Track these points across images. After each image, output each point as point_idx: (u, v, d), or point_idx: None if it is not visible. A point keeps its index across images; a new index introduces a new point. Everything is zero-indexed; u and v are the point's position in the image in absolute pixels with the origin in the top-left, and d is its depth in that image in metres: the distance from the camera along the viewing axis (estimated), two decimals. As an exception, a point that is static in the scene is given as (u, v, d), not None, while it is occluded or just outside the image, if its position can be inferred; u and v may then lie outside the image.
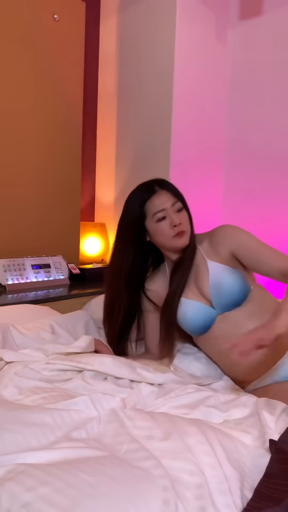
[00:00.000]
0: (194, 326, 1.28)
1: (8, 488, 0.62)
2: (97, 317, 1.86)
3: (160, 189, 1.31)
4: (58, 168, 2.33)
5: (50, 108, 2.26)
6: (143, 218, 1.30)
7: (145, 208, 1.29)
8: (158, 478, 0.67)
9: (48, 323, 1.48)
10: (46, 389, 1.02)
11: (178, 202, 1.30)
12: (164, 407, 0.99)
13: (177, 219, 1.27)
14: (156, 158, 2.50)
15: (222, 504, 0.66)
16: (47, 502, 0.60)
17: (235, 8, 2.63)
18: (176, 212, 1.29)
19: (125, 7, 2.58)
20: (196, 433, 0.80)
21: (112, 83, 2.70)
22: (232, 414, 0.97)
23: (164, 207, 1.27)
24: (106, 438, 0.80)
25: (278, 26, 2.44)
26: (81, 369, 1.14)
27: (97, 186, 2.85)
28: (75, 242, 2.47)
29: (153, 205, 1.28)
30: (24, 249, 2.20)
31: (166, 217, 1.27)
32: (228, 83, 2.70)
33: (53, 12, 2.22)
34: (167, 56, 2.40)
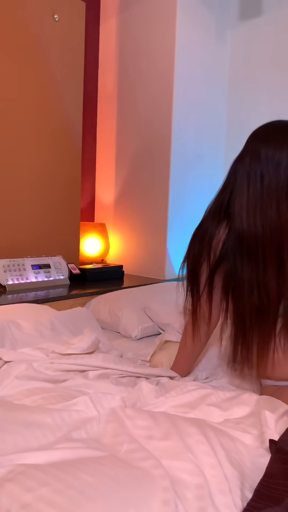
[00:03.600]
0: None
1: (7, 488, 0.62)
2: (97, 317, 1.86)
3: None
4: (58, 169, 2.34)
5: (50, 109, 2.26)
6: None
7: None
8: (158, 478, 0.67)
9: (48, 319, 1.48)
10: (46, 389, 1.02)
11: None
12: (165, 406, 0.99)
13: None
14: (156, 158, 2.50)
15: (222, 504, 0.66)
16: (47, 502, 0.60)
17: (235, 8, 2.63)
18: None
19: (125, 7, 2.58)
20: (196, 433, 0.80)
21: (112, 83, 2.70)
22: (232, 412, 0.96)
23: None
24: (106, 438, 0.80)
25: (278, 26, 2.44)
26: (84, 370, 1.14)
27: (97, 186, 2.85)
28: (75, 242, 2.47)
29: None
30: (24, 249, 2.20)
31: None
32: (228, 83, 2.71)
33: (53, 12, 2.22)
34: (167, 56, 2.40)
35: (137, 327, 1.78)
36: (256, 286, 1.05)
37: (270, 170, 1.04)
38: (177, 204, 2.51)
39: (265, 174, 1.04)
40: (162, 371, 1.21)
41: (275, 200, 1.03)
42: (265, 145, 1.05)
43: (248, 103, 2.60)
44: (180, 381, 1.16)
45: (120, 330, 1.83)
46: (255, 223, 1.04)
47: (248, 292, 1.06)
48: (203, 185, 2.61)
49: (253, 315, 1.07)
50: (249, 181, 1.06)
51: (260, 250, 1.04)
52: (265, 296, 1.05)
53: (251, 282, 1.06)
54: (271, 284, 1.04)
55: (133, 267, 2.67)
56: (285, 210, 1.02)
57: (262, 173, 1.04)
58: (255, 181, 1.05)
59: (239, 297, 1.09)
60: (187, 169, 2.55)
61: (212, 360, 1.38)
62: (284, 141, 1.04)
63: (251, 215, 1.05)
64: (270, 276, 1.04)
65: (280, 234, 1.03)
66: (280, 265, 1.04)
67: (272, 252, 1.03)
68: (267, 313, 1.06)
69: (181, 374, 1.25)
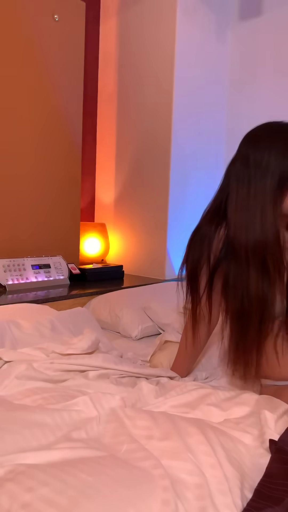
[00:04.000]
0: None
1: (8, 488, 0.62)
2: (97, 317, 1.86)
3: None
4: (58, 169, 2.34)
5: (50, 108, 2.26)
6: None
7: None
8: (158, 478, 0.67)
9: (48, 319, 1.48)
10: (46, 389, 1.02)
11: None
12: (165, 406, 0.99)
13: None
14: (156, 158, 2.50)
15: (222, 504, 0.66)
16: (47, 502, 0.60)
17: (235, 8, 2.63)
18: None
19: (125, 7, 2.58)
20: (196, 433, 0.80)
21: (112, 83, 2.70)
22: (232, 412, 0.96)
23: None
24: (106, 438, 0.80)
25: (278, 26, 2.44)
26: (84, 370, 1.14)
27: (97, 186, 2.85)
28: (75, 242, 2.47)
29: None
30: (24, 249, 2.20)
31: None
32: (228, 82, 2.71)
33: (53, 12, 2.22)
34: (167, 56, 2.40)
35: (137, 327, 1.78)
36: (240, 289, 1.06)
37: (257, 175, 1.03)
38: (177, 204, 2.51)
39: (252, 180, 1.04)
40: (162, 372, 1.21)
41: (260, 206, 1.03)
42: (253, 149, 1.05)
43: (248, 103, 2.60)
44: (180, 381, 1.16)
45: (120, 330, 1.83)
46: (241, 227, 1.04)
47: (232, 294, 1.08)
48: (203, 185, 2.61)
49: (236, 317, 1.09)
50: (238, 186, 1.06)
51: (243, 254, 1.04)
52: (246, 299, 1.05)
53: (235, 285, 1.07)
54: (252, 288, 1.04)
55: (133, 267, 2.67)
56: (270, 215, 1.02)
57: (250, 178, 1.04)
58: (243, 186, 1.05)
59: (227, 299, 1.10)
60: (187, 169, 2.55)
61: (212, 360, 1.38)
62: (272, 145, 1.03)
63: (238, 219, 1.05)
64: (252, 280, 1.04)
65: (265, 239, 1.03)
66: (264, 269, 1.04)
67: (255, 257, 1.04)
68: (249, 315, 1.06)
69: (181, 374, 1.25)
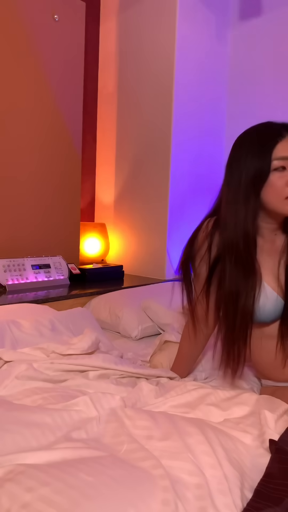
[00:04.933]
0: (264, 320, 1.11)
1: (7, 488, 0.62)
2: (97, 317, 1.86)
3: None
4: (58, 169, 2.34)
5: (50, 108, 2.26)
6: (265, 165, 1.01)
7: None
8: (158, 478, 0.67)
9: (48, 319, 1.48)
10: (46, 389, 1.02)
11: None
12: (164, 406, 0.99)
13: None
14: (156, 158, 2.50)
15: (222, 504, 0.66)
16: (47, 502, 0.60)
17: (235, 8, 2.63)
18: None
19: (125, 7, 2.58)
20: (196, 433, 0.80)
21: (112, 83, 2.70)
22: (232, 412, 0.96)
23: (286, 156, 1.01)
24: (106, 438, 0.80)
25: (278, 26, 2.44)
26: (84, 370, 1.14)
27: (97, 186, 2.85)
28: (75, 242, 2.47)
29: (277, 149, 1.01)
30: (24, 249, 2.20)
31: (286, 169, 1.01)
32: (228, 83, 2.71)
33: (53, 12, 2.22)
34: (167, 56, 2.40)
35: (137, 327, 1.78)
36: (222, 283, 1.09)
37: (234, 174, 1.06)
38: (177, 204, 2.51)
39: (230, 178, 1.07)
40: (162, 372, 1.21)
41: (235, 203, 1.05)
42: (235, 149, 1.09)
43: (248, 103, 2.60)
44: (179, 382, 1.16)
45: (120, 330, 1.83)
46: (224, 225, 1.08)
47: (219, 292, 1.11)
48: (203, 185, 2.61)
49: (221, 315, 1.11)
50: (223, 185, 1.11)
51: (226, 251, 1.07)
52: (227, 296, 1.08)
53: (219, 282, 1.10)
54: (227, 284, 1.07)
55: (133, 267, 2.67)
56: (242, 212, 1.05)
57: (229, 176, 1.08)
58: (225, 185, 1.09)
59: (216, 297, 1.13)
60: (187, 169, 2.55)
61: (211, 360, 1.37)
62: (250, 143, 1.05)
63: (222, 217, 1.08)
64: (228, 275, 1.07)
65: (236, 234, 1.05)
66: (237, 264, 1.06)
67: (231, 253, 1.06)
68: (229, 312, 1.09)
69: (180, 374, 1.25)
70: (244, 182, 1.04)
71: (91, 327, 1.54)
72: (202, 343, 1.26)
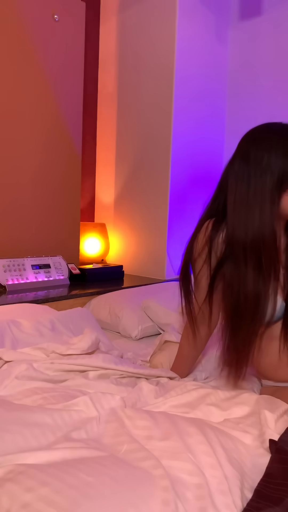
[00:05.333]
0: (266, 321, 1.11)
1: (7, 488, 0.62)
2: (97, 317, 1.86)
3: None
4: (58, 169, 2.34)
5: (50, 109, 2.26)
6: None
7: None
8: (158, 478, 0.67)
9: (48, 319, 1.48)
10: (46, 389, 1.02)
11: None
12: (164, 406, 0.99)
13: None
14: (156, 158, 2.50)
15: (222, 504, 0.66)
16: (47, 502, 0.60)
17: (235, 8, 2.63)
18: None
19: (125, 7, 2.58)
20: (196, 433, 0.80)
21: (112, 84, 2.70)
22: (232, 412, 0.96)
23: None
24: (106, 438, 0.80)
25: (278, 26, 2.44)
26: (84, 370, 1.14)
27: (97, 186, 2.85)
28: (75, 242, 2.47)
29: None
30: (24, 249, 2.20)
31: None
32: (228, 82, 2.71)
33: (53, 12, 2.22)
34: (167, 56, 2.40)
35: (137, 327, 1.78)
36: (237, 286, 1.06)
37: (257, 172, 1.03)
38: (177, 204, 2.51)
39: (252, 177, 1.04)
40: (162, 372, 1.21)
41: (259, 203, 1.02)
42: (254, 147, 1.05)
43: (248, 103, 2.60)
44: (179, 382, 1.16)
45: (120, 330, 1.83)
46: (240, 225, 1.04)
47: (229, 293, 1.07)
48: (203, 185, 2.61)
49: (231, 316, 1.08)
50: (237, 183, 1.06)
51: (241, 252, 1.04)
52: (242, 297, 1.05)
53: (232, 283, 1.06)
54: (249, 287, 1.04)
55: (133, 267, 2.67)
56: (268, 213, 1.02)
57: (249, 175, 1.04)
58: (242, 183, 1.05)
59: (224, 297, 1.10)
60: (187, 169, 2.55)
61: (212, 360, 1.37)
62: (273, 144, 1.03)
63: (236, 216, 1.05)
64: (249, 278, 1.04)
65: (262, 237, 1.02)
66: (260, 268, 1.04)
67: (253, 255, 1.03)
68: (244, 315, 1.06)
69: (180, 375, 1.25)
70: (270, 181, 1.02)
71: (91, 327, 1.54)
72: (202, 343, 1.26)
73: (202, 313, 1.19)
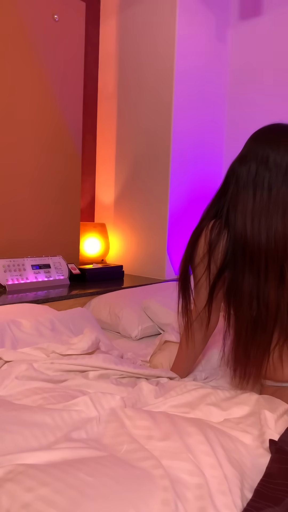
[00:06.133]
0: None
1: (7, 488, 0.62)
2: (97, 317, 1.86)
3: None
4: (58, 169, 2.34)
5: (50, 108, 2.26)
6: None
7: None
8: (158, 478, 0.67)
9: (48, 319, 1.48)
10: (46, 389, 1.02)
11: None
12: (164, 406, 0.99)
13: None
14: (156, 158, 2.50)
15: (222, 504, 0.66)
16: (47, 502, 0.60)
17: (235, 8, 2.63)
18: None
19: (125, 7, 2.58)
20: (196, 433, 0.80)
21: (112, 83, 2.70)
22: (232, 412, 0.96)
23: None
24: (106, 438, 0.80)
25: (278, 26, 2.44)
26: (85, 370, 1.14)
27: (97, 186, 2.85)
28: (75, 242, 2.47)
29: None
30: (24, 249, 2.20)
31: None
32: (228, 82, 2.71)
33: (53, 12, 2.22)
34: (167, 56, 2.40)
35: (137, 327, 1.78)
36: (256, 297, 1.02)
37: (278, 178, 1.00)
38: (177, 204, 2.51)
39: (274, 183, 1.00)
40: (162, 372, 1.21)
41: (282, 210, 0.99)
42: (274, 151, 1.01)
43: (249, 103, 2.60)
44: (179, 382, 1.16)
45: (120, 330, 1.83)
46: (260, 232, 1.00)
47: (247, 303, 1.04)
48: (203, 185, 2.61)
49: (250, 326, 1.04)
50: (256, 188, 1.01)
51: (262, 261, 1.00)
52: (264, 308, 1.02)
53: (251, 292, 1.03)
54: (271, 296, 1.01)
55: (133, 267, 2.67)
56: (278, 221, 0.99)
57: (270, 181, 1.00)
58: (262, 189, 1.01)
59: (239, 307, 1.06)
60: (187, 169, 2.55)
61: (212, 360, 1.38)
62: (284, 146, 1.00)
63: (256, 224, 1.01)
64: (271, 287, 1.01)
65: (284, 245, 0.99)
66: (281, 276, 1.01)
67: (274, 263, 1.00)
68: (264, 325, 1.03)
69: (180, 375, 1.25)
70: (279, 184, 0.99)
71: (91, 327, 1.54)
72: (202, 344, 1.26)
73: (200, 317, 1.18)
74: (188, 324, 1.20)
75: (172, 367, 1.30)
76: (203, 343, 1.26)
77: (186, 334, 1.24)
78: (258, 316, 1.03)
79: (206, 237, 1.10)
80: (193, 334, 1.21)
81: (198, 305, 1.17)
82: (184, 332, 1.25)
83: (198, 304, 1.17)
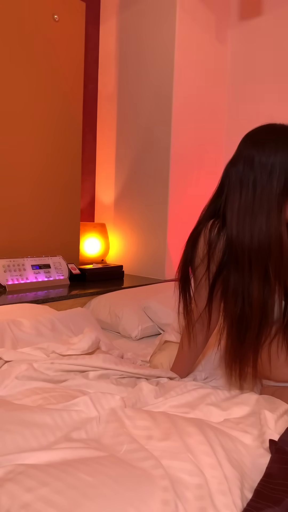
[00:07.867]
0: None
1: (7, 488, 0.62)
2: (97, 317, 1.86)
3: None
4: (58, 168, 2.34)
5: (50, 108, 2.26)
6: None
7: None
8: (158, 479, 0.67)
9: (48, 319, 1.48)
10: (47, 389, 1.02)
11: None
12: (164, 406, 0.99)
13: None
14: (156, 158, 2.50)
15: (222, 504, 0.66)
16: (47, 502, 0.60)
17: (235, 8, 2.63)
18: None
19: (125, 7, 2.58)
20: (196, 433, 0.80)
21: (112, 83, 2.70)
22: (232, 412, 0.96)
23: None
24: (106, 438, 0.80)
25: (278, 26, 2.45)
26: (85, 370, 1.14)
27: (97, 186, 2.85)
28: (75, 242, 2.47)
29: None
30: (24, 249, 2.20)
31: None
32: (227, 83, 2.71)
33: (53, 12, 2.22)
34: (167, 56, 2.40)
35: (137, 327, 1.78)
36: (241, 295, 1.03)
37: (263, 177, 1.01)
38: (177, 204, 2.51)
39: (258, 182, 1.01)
40: (162, 372, 1.21)
41: (266, 209, 1.00)
42: (258, 151, 1.02)
43: (248, 103, 2.60)
44: (179, 382, 1.16)
45: (120, 330, 1.83)
46: (244, 231, 1.01)
47: (233, 300, 1.05)
48: (203, 185, 2.61)
49: (235, 323, 1.06)
50: (242, 188, 1.03)
51: (246, 260, 1.01)
52: (248, 306, 1.03)
53: (236, 290, 1.04)
54: (254, 295, 1.02)
55: (133, 267, 2.67)
56: (275, 220, 1.00)
57: (255, 180, 1.01)
58: (247, 189, 1.02)
59: (226, 304, 1.08)
60: (187, 169, 2.55)
61: (212, 360, 1.38)
62: (278, 148, 1.01)
63: (240, 223, 1.02)
64: (255, 286, 1.01)
65: (269, 244, 1.00)
66: (266, 275, 1.01)
67: (259, 263, 1.01)
68: (249, 322, 1.04)
69: (180, 375, 1.25)
70: (277, 187, 0.99)
71: (91, 327, 1.54)
72: (203, 344, 1.26)
73: (201, 317, 1.18)
74: (190, 325, 1.20)
75: (172, 367, 1.30)
76: (204, 343, 1.26)
77: (188, 335, 1.24)
78: (241, 314, 1.04)
79: (206, 237, 1.10)
80: (195, 335, 1.21)
81: (199, 306, 1.17)
82: (186, 333, 1.25)
83: (199, 304, 1.17)
